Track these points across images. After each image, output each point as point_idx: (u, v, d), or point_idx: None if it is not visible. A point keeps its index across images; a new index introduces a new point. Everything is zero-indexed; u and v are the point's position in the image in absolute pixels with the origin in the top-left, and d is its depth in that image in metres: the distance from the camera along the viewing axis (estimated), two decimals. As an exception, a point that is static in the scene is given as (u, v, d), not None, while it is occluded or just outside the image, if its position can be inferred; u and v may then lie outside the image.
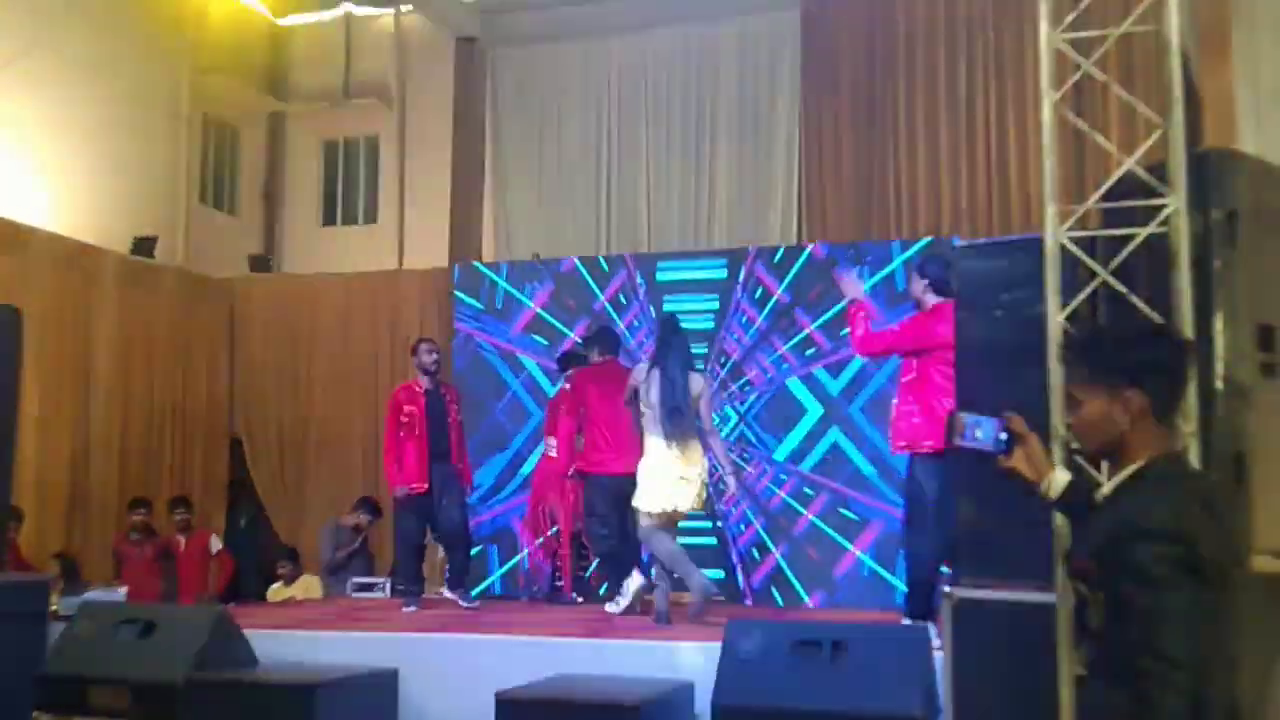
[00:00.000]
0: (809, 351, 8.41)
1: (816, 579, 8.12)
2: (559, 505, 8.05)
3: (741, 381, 8.62)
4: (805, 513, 8.23)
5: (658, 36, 11.26)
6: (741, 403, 8.60)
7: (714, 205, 10.90)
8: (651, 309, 8.91)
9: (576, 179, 11.38)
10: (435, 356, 7.62)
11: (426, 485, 7.36)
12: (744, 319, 8.65)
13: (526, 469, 8.85)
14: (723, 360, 8.67)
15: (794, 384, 8.44)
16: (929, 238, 8.76)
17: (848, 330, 6.25)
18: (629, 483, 6.49)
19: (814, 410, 8.35)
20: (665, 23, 11.18)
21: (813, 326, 8.42)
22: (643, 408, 6.38)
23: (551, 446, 7.99)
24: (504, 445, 9.13)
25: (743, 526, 8.44)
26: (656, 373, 6.34)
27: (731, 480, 6.61)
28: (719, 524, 8.41)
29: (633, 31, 11.32)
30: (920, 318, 5.85)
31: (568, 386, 7.77)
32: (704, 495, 6.40)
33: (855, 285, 6.16)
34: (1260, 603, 3.51)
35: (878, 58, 10.59)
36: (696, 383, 6.39)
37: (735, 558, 8.40)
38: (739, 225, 10.72)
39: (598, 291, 9.14)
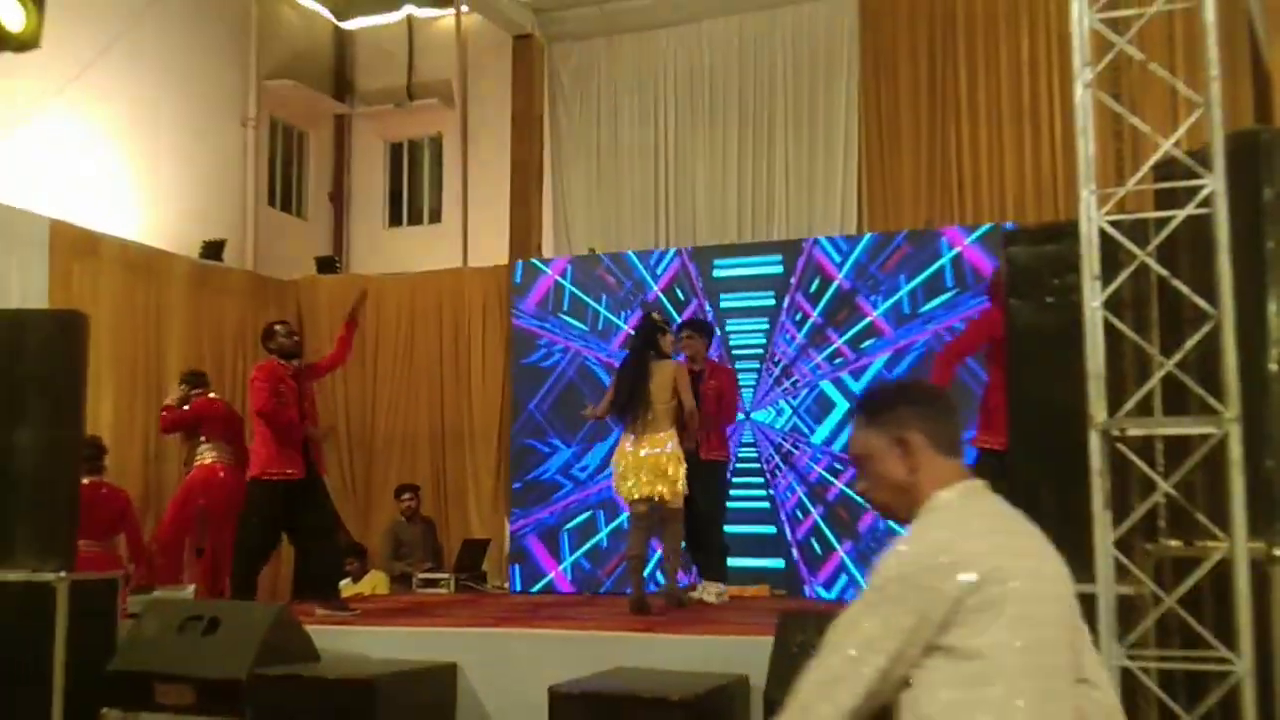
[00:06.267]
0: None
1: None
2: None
3: (794, 379, 8.67)
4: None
5: (712, 27, 11.18)
6: (794, 397, 8.60)
7: (773, 196, 10.79)
8: (708, 302, 8.89)
9: (634, 173, 11.34)
10: (296, 339, 7.05)
11: (302, 473, 6.74)
12: (799, 314, 8.65)
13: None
14: (777, 358, 8.67)
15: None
16: (991, 224, 8.61)
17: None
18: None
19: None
20: (720, 12, 11.11)
21: (876, 314, 8.38)
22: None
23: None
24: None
25: (800, 515, 8.43)
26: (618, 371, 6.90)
27: None
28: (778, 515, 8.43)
29: (687, 23, 11.25)
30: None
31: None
32: (672, 480, 6.50)
33: None
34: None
35: (937, 39, 10.41)
36: (665, 370, 6.61)
37: (795, 551, 8.40)
38: (798, 215, 10.61)
39: (652, 285, 9.16)
